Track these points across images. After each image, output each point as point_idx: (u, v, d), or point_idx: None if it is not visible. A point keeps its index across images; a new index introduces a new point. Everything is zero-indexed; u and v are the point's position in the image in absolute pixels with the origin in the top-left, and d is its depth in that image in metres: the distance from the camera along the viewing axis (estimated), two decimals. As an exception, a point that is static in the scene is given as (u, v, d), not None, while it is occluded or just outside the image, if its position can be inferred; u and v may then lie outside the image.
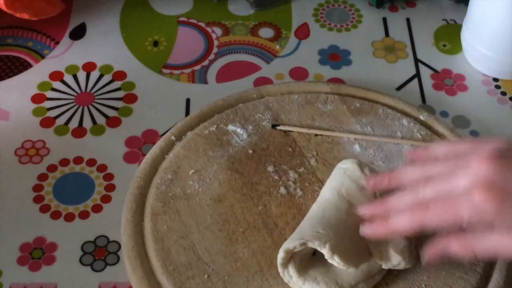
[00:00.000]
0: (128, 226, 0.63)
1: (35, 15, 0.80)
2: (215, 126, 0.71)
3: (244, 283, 0.60)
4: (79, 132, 0.73)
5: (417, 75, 0.81)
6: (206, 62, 0.81)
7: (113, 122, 0.74)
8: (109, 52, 0.81)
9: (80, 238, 0.65)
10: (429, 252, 0.54)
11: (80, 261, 0.64)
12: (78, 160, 0.70)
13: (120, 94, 0.77)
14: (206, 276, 0.60)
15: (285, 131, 0.71)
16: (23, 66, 0.79)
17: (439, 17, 0.87)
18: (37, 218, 0.66)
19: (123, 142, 0.72)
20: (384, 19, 0.87)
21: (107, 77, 0.78)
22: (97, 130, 0.73)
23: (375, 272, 0.59)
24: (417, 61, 0.82)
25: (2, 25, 0.83)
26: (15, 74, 0.79)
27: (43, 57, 0.80)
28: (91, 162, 0.70)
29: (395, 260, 0.58)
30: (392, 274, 0.60)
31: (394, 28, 0.86)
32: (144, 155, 0.70)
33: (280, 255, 0.57)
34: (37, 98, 0.76)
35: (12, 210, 0.67)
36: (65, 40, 0.82)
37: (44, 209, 0.67)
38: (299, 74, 0.80)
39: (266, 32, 0.84)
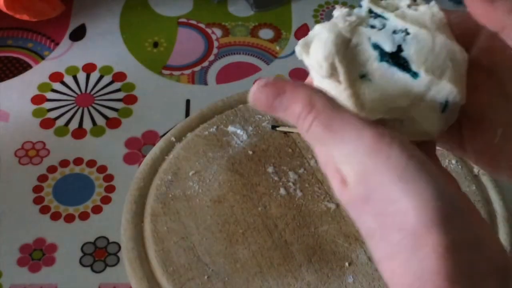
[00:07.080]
0: (128, 227, 0.63)
1: (35, 16, 0.80)
2: (215, 127, 0.71)
3: (244, 284, 0.60)
4: (79, 133, 0.73)
5: (417, 76, 0.80)
6: (206, 63, 0.81)
7: (113, 123, 0.74)
8: (109, 53, 0.81)
9: (80, 239, 0.65)
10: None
11: (80, 262, 0.64)
12: (78, 161, 0.71)
13: (120, 95, 0.77)
14: (206, 277, 0.60)
15: (285, 132, 0.71)
16: (23, 67, 0.79)
17: (439, 18, 0.87)
18: (37, 219, 0.66)
19: (123, 143, 0.72)
20: (384, 20, 0.87)
21: (107, 78, 0.78)
22: (97, 131, 0.73)
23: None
24: (417, 62, 0.82)
25: (2, 26, 0.83)
26: (15, 75, 0.79)
27: (43, 58, 0.80)
28: (91, 163, 0.70)
29: None
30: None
31: (394, 29, 0.86)
32: (144, 156, 0.70)
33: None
34: (37, 99, 0.76)
35: (12, 211, 0.67)
36: (65, 41, 0.82)
37: (44, 210, 0.67)
38: (299, 75, 0.80)
39: (266, 33, 0.84)
